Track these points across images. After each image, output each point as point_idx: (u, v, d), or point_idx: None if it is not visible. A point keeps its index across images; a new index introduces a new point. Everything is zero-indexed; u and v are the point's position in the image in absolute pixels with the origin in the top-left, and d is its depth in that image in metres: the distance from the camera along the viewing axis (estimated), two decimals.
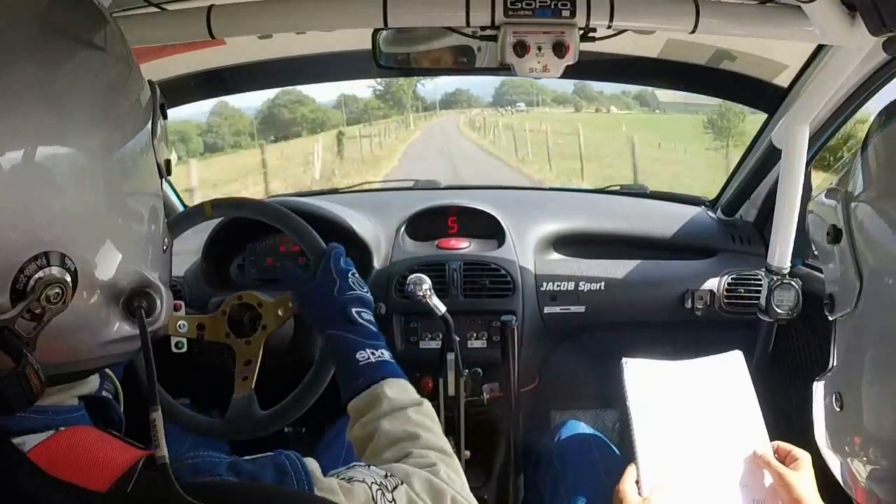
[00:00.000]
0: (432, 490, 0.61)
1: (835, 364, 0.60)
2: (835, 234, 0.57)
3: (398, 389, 0.77)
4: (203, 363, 1.26)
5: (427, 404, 0.77)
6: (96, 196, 0.44)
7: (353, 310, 0.87)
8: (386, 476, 0.58)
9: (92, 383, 0.53)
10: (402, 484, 0.59)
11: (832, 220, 0.57)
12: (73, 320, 0.44)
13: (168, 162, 0.56)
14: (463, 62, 1.09)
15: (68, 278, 0.42)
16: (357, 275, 0.94)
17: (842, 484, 0.61)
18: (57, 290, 0.41)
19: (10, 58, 0.41)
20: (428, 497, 0.60)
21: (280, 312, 1.09)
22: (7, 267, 0.40)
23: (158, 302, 0.49)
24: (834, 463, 0.62)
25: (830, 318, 0.60)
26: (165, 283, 0.53)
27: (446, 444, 0.73)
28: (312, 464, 0.54)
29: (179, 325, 1.06)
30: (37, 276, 0.40)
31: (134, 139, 0.49)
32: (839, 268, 0.57)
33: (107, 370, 0.84)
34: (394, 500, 0.56)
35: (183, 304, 1.08)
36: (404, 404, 0.75)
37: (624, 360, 0.98)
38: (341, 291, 0.90)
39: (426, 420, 0.74)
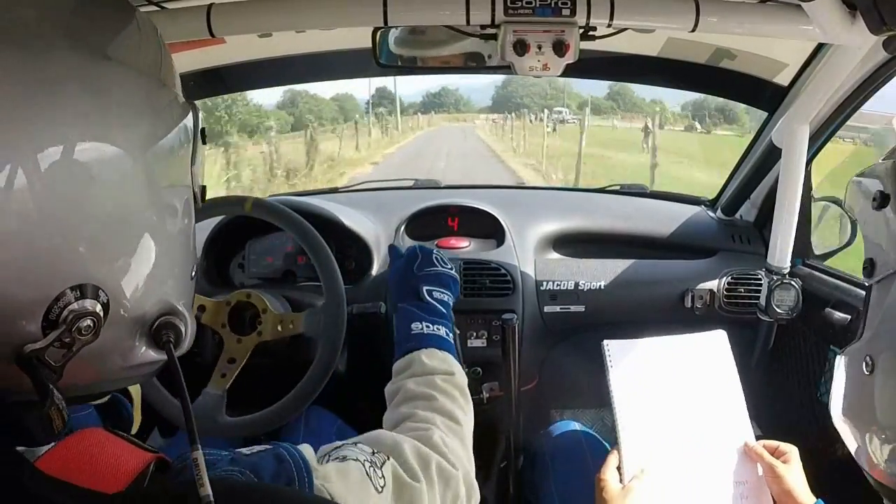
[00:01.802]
0: (420, 458, 0.63)
1: (864, 331, 0.60)
2: (882, 200, 0.58)
3: (435, 358, 0.82)
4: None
5: (458, 376, 0.81)
6: (135, 199, 0.44)
7: (425, 287, 0.92)
8: (373, 453, 0.59)
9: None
10: (388, 459, 0.60)
11: (878, 186, 0.59)
12: (101, 348, 0.44)
13: (203, 189, 0.55)
14: (471, 65, 1.09)
15: (100, 310, 0.42)
16: (442, 255, 0.99)
17: (856, 459, 0.60)
18: (89, 323, 0.41)
19: (50, 44, 0.40)
20: (417, 464, 0.62)
21: (279, 328, 1.09)
22: (41, 296, 0.40)
23: (183, 329, 0.50)
24: (850, 437, 0.61)
25: (867, 283, 0.61)
26: (189, 308, 0.52)
27: (460, 413, 0.76)
28: (308, 451, 0.54)
29: None
30: (70, 307, 0.40)
31: (171, 155, 0.48)
32: (885, 231, 0.58)
33: None
34: (383, 476, 0.57)
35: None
36: (434, 371, 0.79)
37: (605, 341, 0.98)
38: (420, 267, 0.95)
39: (449, 388, 0.78)
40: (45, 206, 0.39)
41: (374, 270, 1.46)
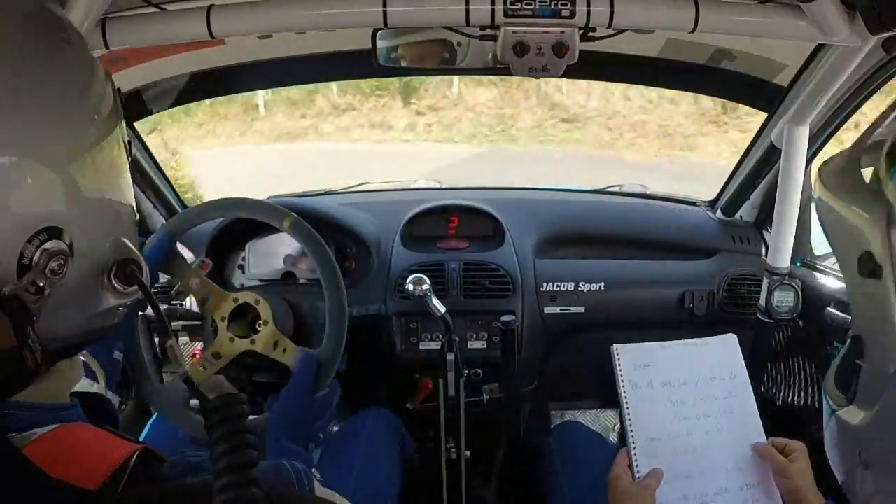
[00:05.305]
0: None
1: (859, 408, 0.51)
2: (872, 267, 0.43)
3: None
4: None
5: None
6: (77, 185, 0.46)
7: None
8: None
9: (76, 375, 0.53)
10: None
11: (865, 241, 0.43)
12: (67, 295, 0.45)
13: (129, 143, 0.57)
14: (445, 58, 1.08)
15: (67, 249, 0.44)
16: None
17: (846, 492, 0.61)
18: (59, 262, 0.43)
19: None
20: None
21: (272, 347, 1.05)
22: (12, 244, 0.42)
23: (144, 267, 0.51)
24: (841, 475, 0.61)
25: (858, 362, 0.50)
26: (139, 253, 0.54)
27: None
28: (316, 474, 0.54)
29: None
30: (41, 248, 0.42)
31: (102, 136, 0.50)
32: (874, 311, 0.44)
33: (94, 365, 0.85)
34: None
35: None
36: None
37: (614, 346, 0.98)
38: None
39: None
40: None
41: (375, 271, 1.46)
